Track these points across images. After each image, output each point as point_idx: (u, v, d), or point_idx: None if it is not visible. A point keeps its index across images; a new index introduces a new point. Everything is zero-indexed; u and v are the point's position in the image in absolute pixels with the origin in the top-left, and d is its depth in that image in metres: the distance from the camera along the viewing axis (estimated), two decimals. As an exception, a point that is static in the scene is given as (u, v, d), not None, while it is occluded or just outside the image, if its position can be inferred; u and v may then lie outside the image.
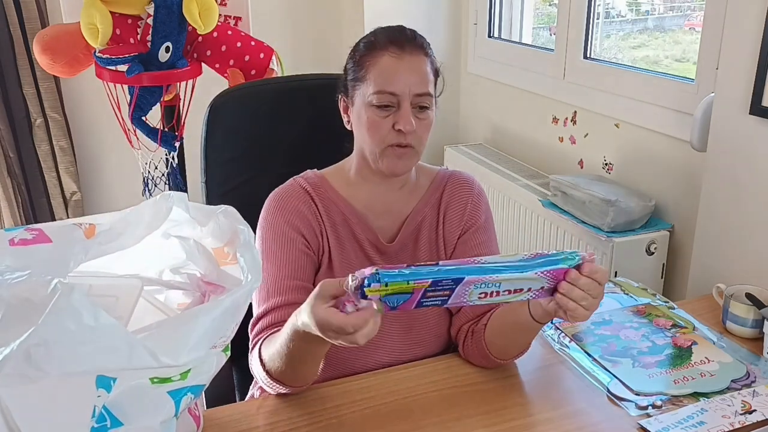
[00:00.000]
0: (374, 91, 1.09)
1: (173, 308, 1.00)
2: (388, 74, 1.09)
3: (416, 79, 1.09)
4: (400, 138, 1.10)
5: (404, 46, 1.10)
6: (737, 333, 1.28)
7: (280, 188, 1.21)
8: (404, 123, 1.08)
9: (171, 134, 2.15)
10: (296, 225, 1.15)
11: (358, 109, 1.14)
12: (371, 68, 1.11)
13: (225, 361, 0.89)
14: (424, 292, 0.85)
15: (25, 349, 0.66)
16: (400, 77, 1.09)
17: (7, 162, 2.67)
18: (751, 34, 1.35)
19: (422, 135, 1.12)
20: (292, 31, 2.89)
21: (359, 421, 1.04)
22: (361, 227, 1.18)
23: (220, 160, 1.39)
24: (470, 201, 1.23)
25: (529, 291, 0.91)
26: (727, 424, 1.01)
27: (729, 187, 1.46)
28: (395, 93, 1.09)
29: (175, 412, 0.82)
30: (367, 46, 1.14)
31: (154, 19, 1.92)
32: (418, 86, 1.09)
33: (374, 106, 1.10)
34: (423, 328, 1.19)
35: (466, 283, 0.86)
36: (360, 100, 1.13)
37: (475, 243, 1.22)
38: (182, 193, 0.95)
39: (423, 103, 1.11)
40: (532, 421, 1.04)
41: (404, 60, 1.10)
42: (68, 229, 0.87)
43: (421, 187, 1.24)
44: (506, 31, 2.66)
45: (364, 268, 0.85)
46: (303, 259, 1.14)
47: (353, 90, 1.15)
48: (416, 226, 1.21)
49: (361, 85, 1.12)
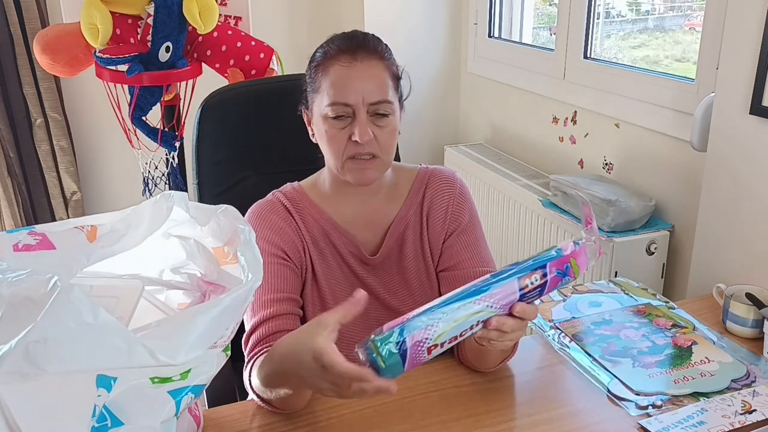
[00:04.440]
0: (328, 103, 1.06)
1: (173, 308, 1.00)
2: (340, 84, 1.06)
3: (370, 87, 1.06)
4: (359, 149, 1.06)
5: (356, 53, 1.07)
6: (737, 333, 1.28)
7: (258, 204, 1.18)
8: (360, 134, 1.05)
9: (171, 134, 2.15)
10: (275, 241, 1.13)
11: (316, 121, 1.11)
12: (324, 79, 1.08)
13: (225, 361, 0.89)
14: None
15: (24, 346, 0.66)
16: (353, 87, 1.05)
17: (7, 162, 2.67)
18: (751, 34, 1.35)
19: (385, 142, 1.08)
20: (292, 31, 2.89)
21: (359, 421, 1.04)
22: (342, 241, 1.16)
23: (212, 161, 1.39)
24: (453, 201, 1.20)
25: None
26: (727, 424, 1.01)
27: (729, 187, 1.46)
28: (348, 103, 1.05)
29: (176, 412, 0.82)
30: (320, 56, 1.11)
31: (154, 19, 1.92)
32: (373, 94, 1.06)
33: (330, 118, 1.07)
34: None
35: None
36: (317, 112, 1.10)
37: (461, 246, 1.19)
38: (183, 193, 0.95)
39: (380, 111, 1.07)
40: (532, 421, 1.04)
41: (355, 68, 1.06)
42: (71, 233, 0.87)
43: (402, 191, 1.20)
44: (506, 31, 2.66)
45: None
46: (286, 272, 1.13)
47: (311, 102, 1.12)
48: (399, 234, 1.19)
49: (317, 96, 1.10)
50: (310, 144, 1.35)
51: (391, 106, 1.08)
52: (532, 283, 0.91)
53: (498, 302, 0.89)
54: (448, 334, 0.86)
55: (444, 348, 0.86)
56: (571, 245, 0.94)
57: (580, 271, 0.95)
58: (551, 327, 1.30)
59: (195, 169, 1.38)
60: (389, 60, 1.11)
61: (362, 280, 1.17)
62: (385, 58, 1.10)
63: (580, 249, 0.94)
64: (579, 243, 0.94)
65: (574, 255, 0.93)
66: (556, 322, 1.31)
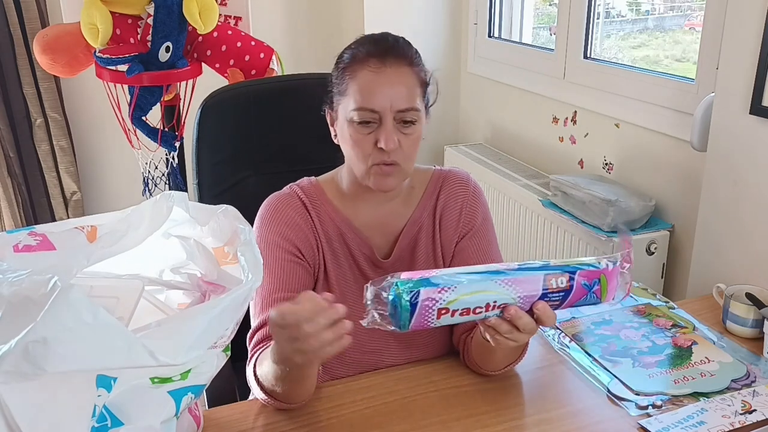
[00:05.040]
0: (354, 108, 1.04)
1: (173, 308, 1.00)
2: (367, 90, 1.04)
3: (398, 95, 1.04)
4: (384, 156, 1.05)
5: (385, 58, 1.05)
6: (737, 333, 1.28)
7: (275, 196, 1.16)
8: (386, 141, 1.03)
9: (171, 134, 2.15)
10: (290, 237, 1.12)
11: (341, 123, 1.09)
12: (351, 82, 1.06)
13: (225, 361, 0.90)
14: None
15: (24, 346, 0.66)
16: (381, 93, 1.03)
17: (7, 162, 2.67)
18: (751, 34, 1.35)
19: (409, 150, 1.07)
20: (292, 31, 2.89)
21: (359, 421, 1.04)
22: (356, 242, 1.15)
23: (212, 161, 1.39)
24: (466, 202, 1.19)
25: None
26: (727, 424, 1.01)
27: (729, 187, 1.46)
28: (375, 110, 1.03)
29: (176, 412, 0.82)
30: (348, 58, 1.08)
31: (154, 19, 1.92)
32: (401, 102, 1.04)
33: (356, 123, 1.05)
34: (422, 335, 1.17)
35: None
36: (342, 114, 1.08)
37: (472, 250, 1.18)
38: (183, 193, 0.95)
39: (407, 118, 1.05)
40: (532, 421, 1.04)
41: (385, 74, 1.04)
42: (71, 234, 0.87)
43: (416, 193, 1.20)
44: (506, 31, 2.66)
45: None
46: (298, 270, 1.12)
47: (337, 103, 1.10)
48: (412, 237, 1.18)
49: (343, 99, 1.08)
50: (310, 144, 1.35)
51: (417, 113, 1.06)
52: (557, 285, 0.89)
53: (519, 290, 0.88)
54: (461, 303, 0.85)
55: (454, 319, 0.86)
56: (607, 262, 0.92)
57: (608, 296, 0.93)
58: (551, 327, 1.30)
59: (195, 169, 1.38)
60: (418, 66, 1.09)
61: (368, 278, 1.14)
62: (414, 64, 1.08)
63: (613, 270, 0.92)
64: (615, 263, 0.93)
65: (606, 273, 0.91)
66: (556, 322, 1.31)
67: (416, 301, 0.84)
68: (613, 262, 0.93)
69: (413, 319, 0.84)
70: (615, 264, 0.93)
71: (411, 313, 0.84)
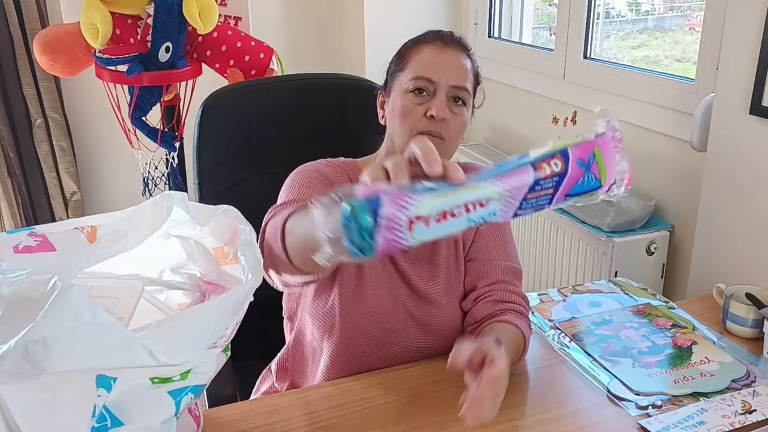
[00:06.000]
0: (412, 77, 1.08)
1: (173, 308, 1.00)
2: (428, 61, 1.09)
3: (456, 72, 1.09)
4: (431, 125, 1.07)
5: (447, 42, 1.11)
6: (737, 333, 1.28)
7: (312, 162, 1.17)
8: (437, 109, 1.06)
9: (171, 134, 2.15)
10: (327, 189, 1.07)
11: (393, 99, 1.12)
12: (413, 57, 1.11)
13: (225, 361, 0.90)
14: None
15: (23, 345, 0.66)
16: (440, 66, 1.08)
17: (7, 162, 2.67)
18: (751, 34, 1.35)
19: (454, 132, 1.10)
20: (292, 31, 2.89)
21: (359, 421, 1.04)
22: None
23: (212, 161, 1.39)
24: None
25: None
26: (727, 424, 1.01)
27: (729, 187, 1.46)
28: (432, 80, 1.07)
29: (176, 412, 0.82)
30: (412, 41, 1.14)
31: (154, 19, 1.92)
32: (457, 78, 1.08)
33: (410, 92, 1.08)
34: (440, 321, 1.17)
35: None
36: (397, 89, 1.12)
37: (490, 238, 1.20)
38: (183, 193, 0.95)
39: (459, 95, 1.09)
40: (532, 421, 1.04)
41: (446, 53, 1.10)
42: (71, 234, 0.87)
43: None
44: (506, 31, 2.66)
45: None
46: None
47: (392, 81, 1.14)
48: None
49: (401, 74, 1.12)
50: (310, 144, 1.35)
51: (468, 96, 1.11)
52: (551, 170, 0.74)
53: (506, 183, 0.72)
54: (436, 206, 0.67)
55: (431, 229, 0.67)
56: (594, 133, 0.79)
57: (607, 171, 0.80)
58: (551, 327, 1.30)
59: (195, 169, 1.38)
60: (474, 61, 1.14)
61: (396, 263, 1.15)
62: (471, 58, 1.14)
63: (604, 138, 0.79)
64: (603, 132, 0.79)
65: (599, 143, 0.78)
66: (556, 322, 1.31)
67: (378, 211, 0.65)
68: (601, 132, 0.79)
69: (378, 236, 0.65)
70: (603, 132, 0.79)
71: (374, 230, 0.65)
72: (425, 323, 1.16)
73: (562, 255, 1.99)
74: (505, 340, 0.99)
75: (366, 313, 1.11)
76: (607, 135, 0.80)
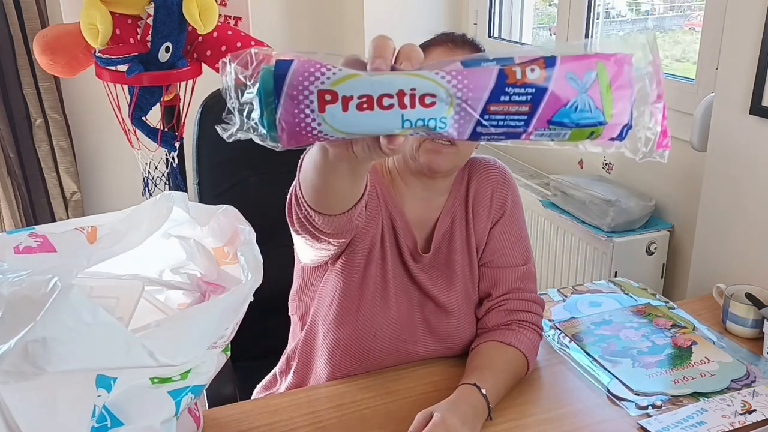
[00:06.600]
0: None
1: (173, 308, 1.00)
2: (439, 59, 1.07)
3: None
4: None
5: (459, 44, 1.09)
6: (737, 333, 1.28)
7: None
8: None
9: (171, 134, 2.15)
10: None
11: None
12: (425, 57, 1.08)
13: (225, 361, 0.90)
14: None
15: (23, 345, 0.66)
16: None
17: (7, 162, 2.67)
18: (751, 34, 1.35)
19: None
20: (292, 31, 2.89)
21: (359, 421, 1.04)
22: (404, 232, 1.13)
23: (212, 161, 1.39)
24: (497, 186, 1.19)
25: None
26: (727, 424, 1.01)
27: (729, 187, 1.46)
28: None
29: (176, 412, 0.82)
30: (424, 44, 1.11)
31: (154, 19, 1.92)
32: None
33: None
34: (455, 330, 1.17)
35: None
36: None
37: (504, 240, 1.19)
38: (183, 193, 0.95)
39: None
40: (532, 421, 1.04)
41: (456, 54, 1.06)
42: (71, 234, 0.87)
43: (447, 183, 1.18)
44: (506, 31, 2.66)
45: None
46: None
47: None
48: (447, 228, 1.17)
49: None
50: (310, 144, 1.35)
51: None
52: (521, 77, 0.53)
53: (456, 81, 0.54)
54: (357, 85, 0.53)
55: (348, 115, 0.53)
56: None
57: (616, 104, 0.58)
58: (551, 327, 1.30)
59: (195, 169, 1.38)
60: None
61: (410, 271, 1.14)
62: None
63: (620, 57, 0.56)
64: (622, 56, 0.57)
65: (608, 60, 0.55)
66: (556, 322, 1.31)
67: (284, 72, 0.52)
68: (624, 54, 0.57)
69: (280, 106, 0.52)
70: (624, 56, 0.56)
71: (276, 100, 0.52)
72: (440, 333, 1.16)
73: (562, 255, 1.99)
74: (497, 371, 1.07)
75: (387, 324, 1.11)
76: (627, 55, 0.56)
